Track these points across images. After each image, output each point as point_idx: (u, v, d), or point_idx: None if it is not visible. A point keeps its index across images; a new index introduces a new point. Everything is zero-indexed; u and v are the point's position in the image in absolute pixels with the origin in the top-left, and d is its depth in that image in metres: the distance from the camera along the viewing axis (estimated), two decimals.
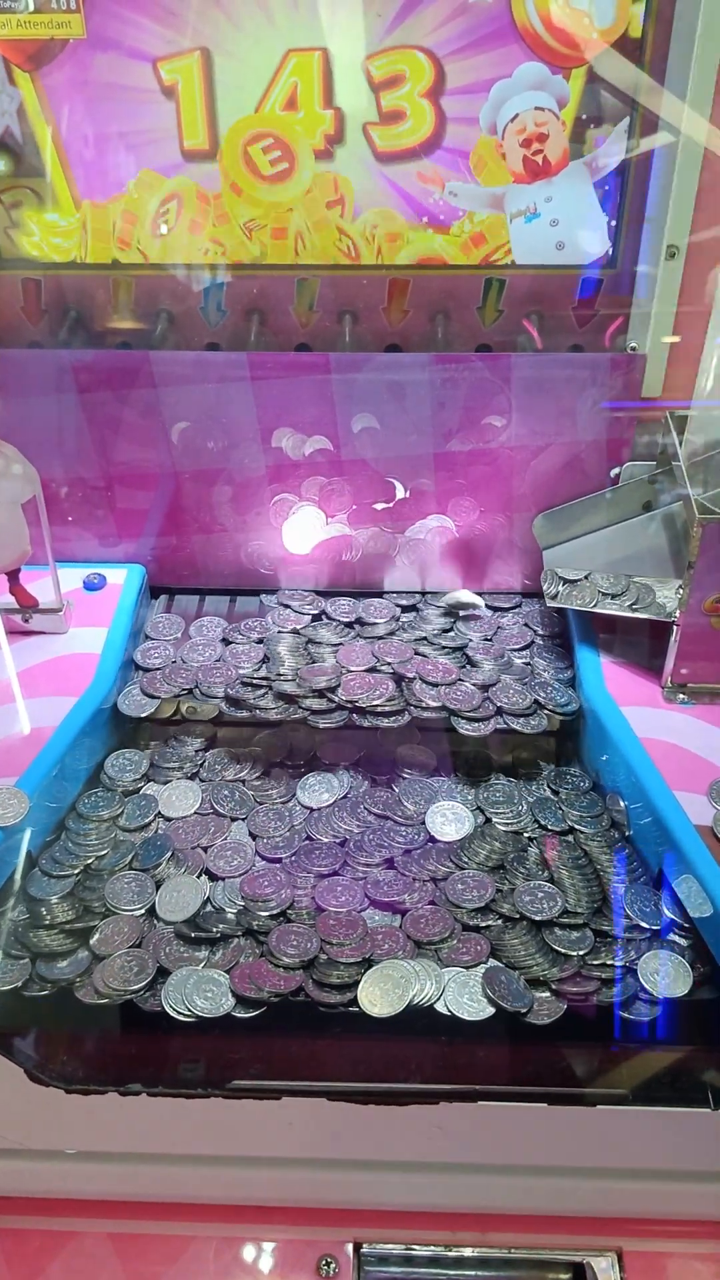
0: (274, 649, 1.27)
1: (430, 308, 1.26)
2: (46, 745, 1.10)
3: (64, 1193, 0.90)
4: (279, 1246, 0.88)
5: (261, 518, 1.34)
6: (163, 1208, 0.90)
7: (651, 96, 1.13)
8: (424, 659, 1.24)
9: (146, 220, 1.21)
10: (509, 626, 1.34)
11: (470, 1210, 0.91)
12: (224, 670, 1.25)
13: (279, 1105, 0.86)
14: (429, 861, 1.09)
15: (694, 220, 1.15)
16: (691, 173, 1.13)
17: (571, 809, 1.15)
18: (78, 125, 1.16)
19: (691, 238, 1.17)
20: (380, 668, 1.23)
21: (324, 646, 1.28)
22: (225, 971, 0.96)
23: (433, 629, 1.32)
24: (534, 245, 1.22)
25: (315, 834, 1.13)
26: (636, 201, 1.19)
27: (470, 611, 1.35)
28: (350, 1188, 0.90)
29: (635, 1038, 0.92)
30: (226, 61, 1.13)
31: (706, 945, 0.97)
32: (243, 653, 1.27)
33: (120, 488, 1.31)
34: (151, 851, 1.09)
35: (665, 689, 1.19)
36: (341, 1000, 0.93)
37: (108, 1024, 0.93)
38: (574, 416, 1.25)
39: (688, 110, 1.10)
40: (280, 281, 1.24)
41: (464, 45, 1.12)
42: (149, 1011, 0.92)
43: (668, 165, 1.13)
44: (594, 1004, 0.95)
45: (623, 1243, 0.89)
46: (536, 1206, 0.90)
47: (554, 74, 1.13)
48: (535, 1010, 0.93)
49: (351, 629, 1.33)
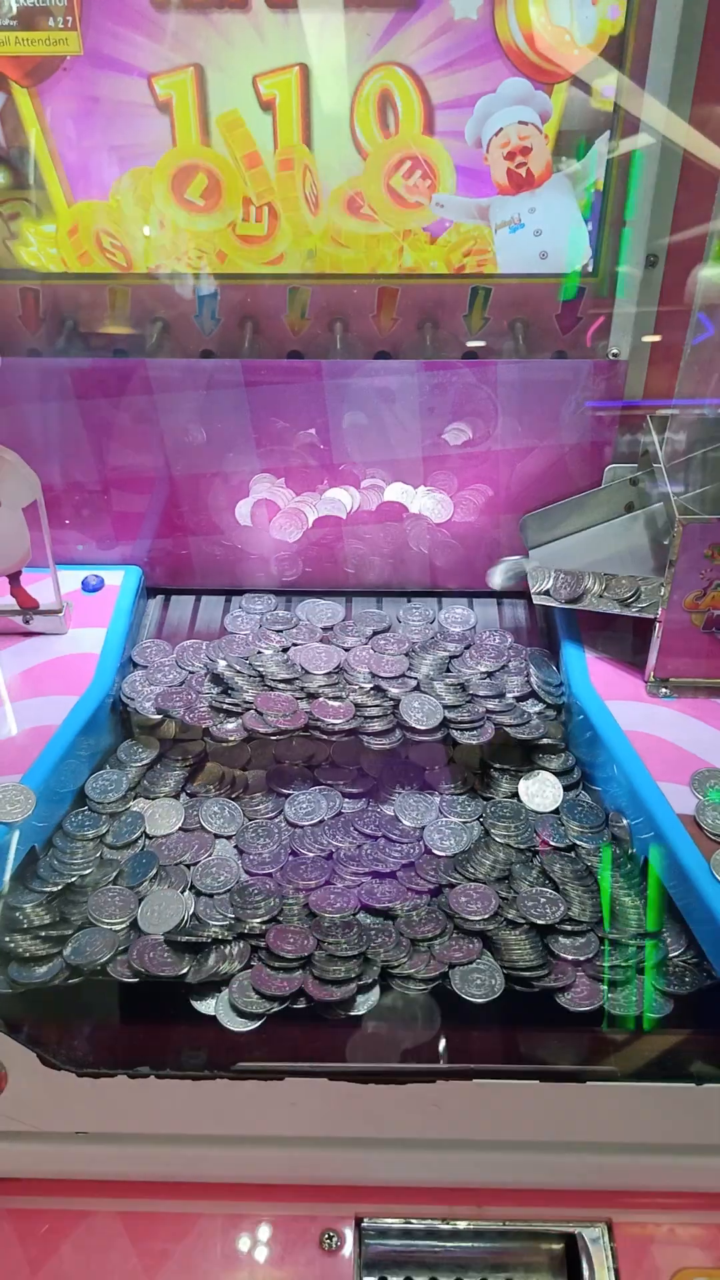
0: (258, 668, 1.27)
1: (419, 315, 1.29)
2: (50, 741, 1.13)
3: (75, 1174, 0.93)
4: (283, 1222, 0.92)
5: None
6: (170, 1187, 0.93)
7: (631, 101, 1.17)
8: (415, 681, 1.26)
9: (132, 224, 1.24)
10: (495, 625, 1.37)
11: (466, 1185, 0.94)
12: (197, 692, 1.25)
13: (282, 1086, 0.89)
14: (427, 873, 1.10)
15: (673, 223, 1.19)
16: (670, 180, 1.17)
17: (573, 823, 1.16)
18: (75, 139, 1.19)
19: (671, 240, 1.21)
20: (364, 686, 1.24)
21: (315, 677, 1.26)
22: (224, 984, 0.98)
23: (420, 640, 1.33)
24: (518, 255, 1.26)
25: (302, 849, 1.14)
26: (617, 209, 1.22)
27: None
28: (351, 1165, 0.93)
29: (625, 1023, 0.96)
30: (218, 76, 1.16)
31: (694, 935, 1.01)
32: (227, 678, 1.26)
33: (117, 491, 1.34)
34: (137, 869, 1.10)
35: (648, 684, 1.22)
36: (343, 995, 0.96)
37: (119, 1011, 0.96)
38: (558, 420, 1.29)
39: (666, 118, 1.14)
40: (272, 290, 1.27)
41: (450, 61, 1.15)
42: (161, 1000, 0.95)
43: (647, 173, 1.17)
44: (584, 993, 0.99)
45: (612, 1214, 0.93)
46: (529, 1180, 0.94)
47: (537, 89, 1.17)
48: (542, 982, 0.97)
49: (332, 632, 1.34)
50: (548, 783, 1.21)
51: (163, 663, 1.30)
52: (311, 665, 1.27)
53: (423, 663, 1.29)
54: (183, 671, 1.29)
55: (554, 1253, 0.94)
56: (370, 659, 1.29)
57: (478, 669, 1.29)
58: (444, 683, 1.25)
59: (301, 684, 1.24)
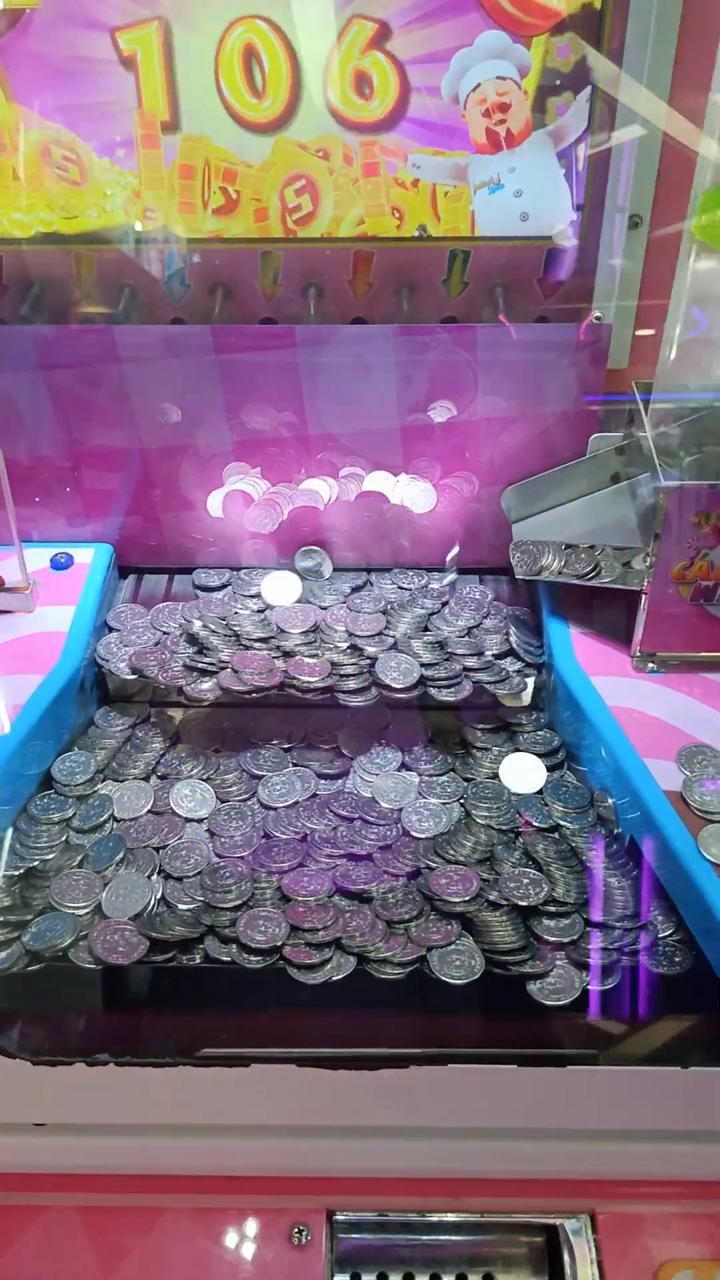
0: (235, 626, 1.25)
1: (395, 280, 1.25)
2: (14, 722, 1.09)
3: (30, 1167, 0.90)
4: (249, 1215, 0.88)
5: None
6: (131, 1180, 0.89)
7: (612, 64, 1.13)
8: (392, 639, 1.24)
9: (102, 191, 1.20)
10: (476, 600, 1.33)
11: (442, 1175, 0.91)
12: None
13: (248, 1073, 0.85)
14: (405, 855, 1.07)
15: (657, 186, 1.15)
16: (654, 139, 1.13)
17: (557, 804, 1.13)
18: (35, 97, 1.15)
19: (655, 205, 1.17)
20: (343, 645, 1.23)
21: (292, 635, 1.25)
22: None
23: (397, 599, 1.31)
24: (498, 217, 1.22)
25: (276, 831, 1.10)
26: (600, 170, 1.18)
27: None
28: (321, 1155, 0.90)
29: (610, 1007, 0.92)
30: (184, 31, 1.12)
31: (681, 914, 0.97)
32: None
33: (86, 466, 1.30)
34: (103, 852, 1.06)
35: (635, 658, 1.18)
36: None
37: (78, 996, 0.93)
38: (540, 388, 1.25)
39: (648, 75, 1.10)
40: (244, 255, 1.23)
41: (425, 14, 1.11)
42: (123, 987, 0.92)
43: (630, 129, 1.13)
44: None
45: (595, 1204, 0.90)
46: (508, 1170, 0.90)
47: (515, 42, 1.13)
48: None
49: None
50: (530, 763, 1.17)
51: (136, 624, 1.28)
52: (288, 624, 1.25)
53: (400, 621, 1.26)
54: (157, 633, 1.27)
55: (535, 1245, 0.91)
56: (347, 618, 1.26)
57: (457, 624, 1.27)
58: (422, 641, 1.23)
59: (278, 643, 1.22)
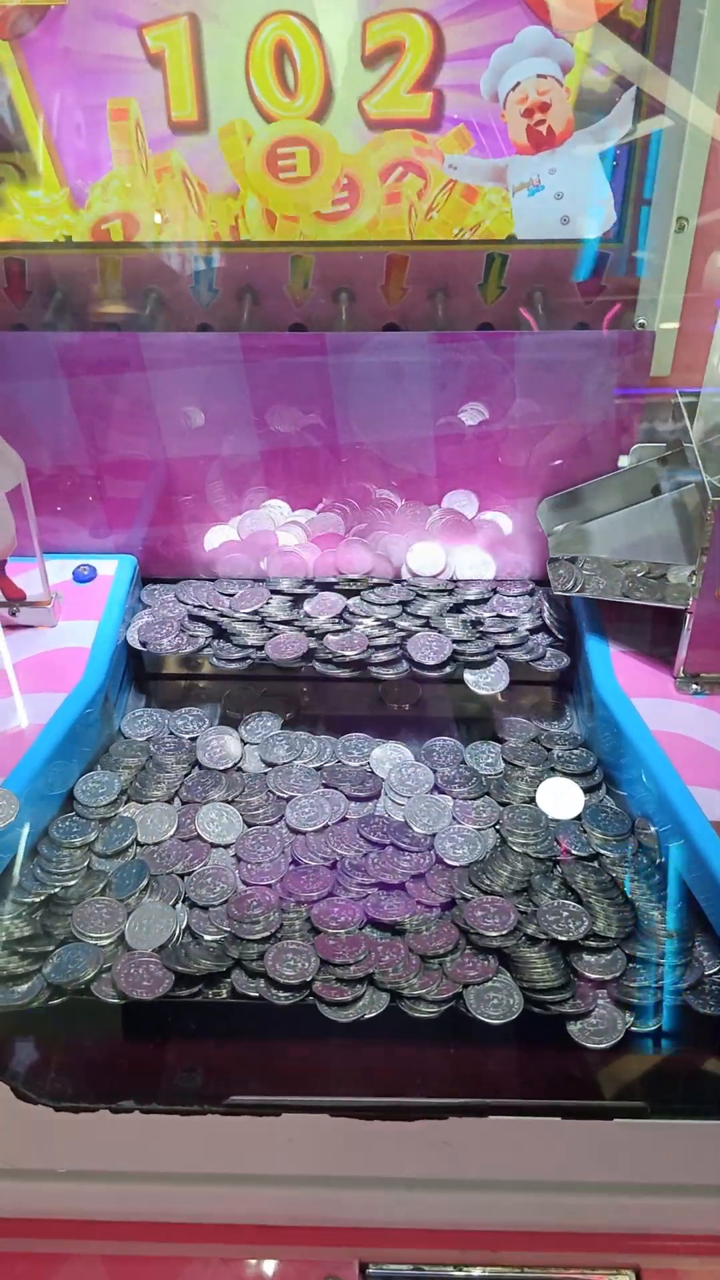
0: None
1: (430, 285, 1.21)
2: (34, 744, 1.06)
3: (55, 1213, 0.86)
4: (280, 1267, 0.84)
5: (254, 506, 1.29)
6: (158, 1228, 0.86)
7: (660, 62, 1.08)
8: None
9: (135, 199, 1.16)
10: (513, 615, 1.29)
11: (480, 1227, 0.86)
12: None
13: (279, 1121, 0.81)
14: (439, 885, 1.03)
15: (705, 182, 1.10)
16: (702, 140, 1.08)
17: (596, 830, 1.08)
18: (62, 96, 1.11)
19: (701, 211, 1.12)
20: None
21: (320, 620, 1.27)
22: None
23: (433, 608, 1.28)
24: (538, 220, 1.17)
25: (304, 857, 1.06)
26: (643, 171, 1.14)
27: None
28: (355, 1206, 0.85)
29: (654, 1050, 0.88)
30: (213, 27, 1.08)
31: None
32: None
33: (109, 475, 1.26)
34: (126, 879, 1.02)
35: (678, 679, 1.14)
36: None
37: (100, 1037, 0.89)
38: (580, 397, 1.20)
39: (699, 76, 1.05)
40: (274, 259, 1.19)
41: (465, 8, 1.07)
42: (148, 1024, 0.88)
43: (676, 134, 1.09)
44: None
45: (640, 1260, 0.85)
46: (550, 1223, 0.86)
47: (557, 38, 1.08)
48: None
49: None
50: (567, 787, 1.13)
51: (166, 599, 1.31)
52: (318, 611, 1.27)
53: (431, 602, 1.27)
54: (186, 606, 1.30)
55: None
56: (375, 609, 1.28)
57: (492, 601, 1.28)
58: (454, 618, 1.23)
59: (306, 626, 1.25)
